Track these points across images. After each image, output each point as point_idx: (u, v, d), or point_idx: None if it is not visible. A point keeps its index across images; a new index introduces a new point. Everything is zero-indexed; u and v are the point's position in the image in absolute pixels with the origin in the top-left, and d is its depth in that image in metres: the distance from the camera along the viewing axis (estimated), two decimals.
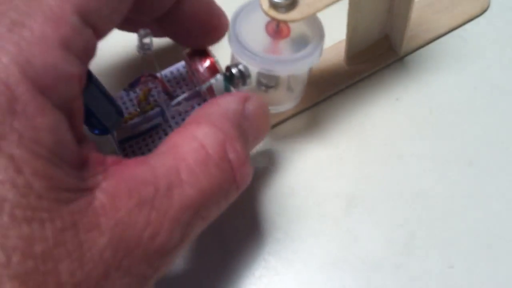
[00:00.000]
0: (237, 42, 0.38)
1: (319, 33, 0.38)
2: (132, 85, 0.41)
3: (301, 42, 0.38)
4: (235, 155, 0.30)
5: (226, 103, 0.34)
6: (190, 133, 0.31)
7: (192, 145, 0.30)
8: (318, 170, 0.41)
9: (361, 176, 0.40)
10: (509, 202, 0.39)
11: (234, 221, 0.39)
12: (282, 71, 0.38)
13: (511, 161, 0.41)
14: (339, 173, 0.41)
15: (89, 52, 0.30)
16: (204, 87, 0.39)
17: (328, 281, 0.37)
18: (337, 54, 0.44)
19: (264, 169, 0.41)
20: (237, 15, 0.38)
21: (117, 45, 0.46)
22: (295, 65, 0.38)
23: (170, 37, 0.40)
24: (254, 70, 0.38)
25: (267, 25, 0.38)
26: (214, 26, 0.38)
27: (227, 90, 0.39)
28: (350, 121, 0.42)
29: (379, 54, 0.44)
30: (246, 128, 0.33)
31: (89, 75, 0.34)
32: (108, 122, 0.37)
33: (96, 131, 0.37)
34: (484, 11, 0.47)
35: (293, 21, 0.36)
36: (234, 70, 0.38)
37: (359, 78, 0.44)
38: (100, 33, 0.30)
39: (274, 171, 0.41)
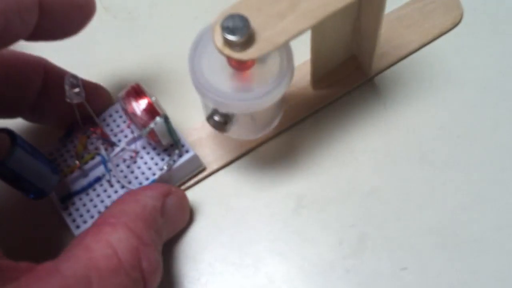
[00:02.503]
0: (194, 74, 0.32)
1: (287, 58, 0.33)
2: (67, 134, 0.36)
3: (271, 62, 0.33)
4: (147, 264, 0.30)
5: (145, 200, 0.32)
6: (104, 236, 0.29)
7: (105, 251, 0.29)
8: (267, 170, 0.38)
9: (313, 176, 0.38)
10: (463, 200, 0.37)
11: None
12: (240, 109, 0.33)
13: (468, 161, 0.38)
14: (289, 173, 0.38)
15: None
16: (145, 132, 0.34)
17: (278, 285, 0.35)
18: (302, 77, 0.39)
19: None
20: (197, 43, 0.33)
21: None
22: (255, 103, 0.32)
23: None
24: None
25: (227, 58, 0.32)
26: (80, 7, 0.33)
27: (170, 132, 0.35)
28: (316, 147, 0.39)
29: (348, 76, 0.39)
30: (163, 223, 0.33)
31: (13, 137, 0.30)
32: (43, 183, 0.33)
33: (32, 196, 0.33)
34: (456, 25, 0.41)
35: (250, 59, 0.30)
36: (217, 118, 0.33)
37: (326, 103, 0.39)
38: None
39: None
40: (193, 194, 0.37)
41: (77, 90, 0.33)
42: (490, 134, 0.38)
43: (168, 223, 0.34)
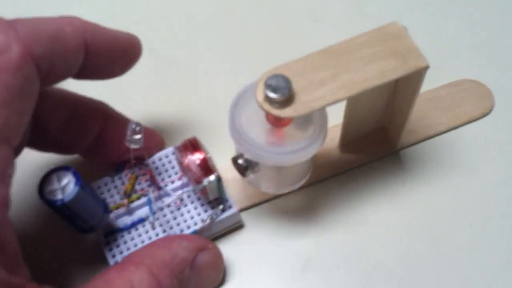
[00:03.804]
0: (236, 132, 0.35)
1: (321, 122, 0.35)
2: (118, 170, 0.39)
3: (305, 124, 0.35)
4: None
5: (178, 249, 0.33)
6: (127, 274, 0.30)
7: None
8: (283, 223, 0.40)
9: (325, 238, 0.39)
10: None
11: None
12: (267, 161, 0.35)
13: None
14: (302, 230, 0.39)
15: (7, 170, 0.28)
16: (197, 188, 0.36)
17: None
18: (331, 138, 0.41)
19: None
20: (238, 99, 0.36)
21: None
22: (283, 157, 0.34)
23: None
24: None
25: (266, 114, 0.34)
26: (125, 50, 0.35)
27: (220, 190, 0.37)
28: (333, 209, 0.40)
29: (375, 145, 0.41)
30: (190, 277, 0.33)
31: (76, 178, 0.32)
32: (94, 222, 0.35)
33: (81, 231, 0.35)
34: (485, 115, 0.43)
35: (286, 117, 0.33)
36: (240, 161, 0.36)
37: (351, 167, 0.41)
38: (14, 145, 0.29)
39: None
40: None
41: (138, 137, 0.36)
42: (502, 227, 0.39)
43: (196, 279, 0.34)
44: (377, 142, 0.41)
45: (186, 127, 0.43)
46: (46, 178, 0.32)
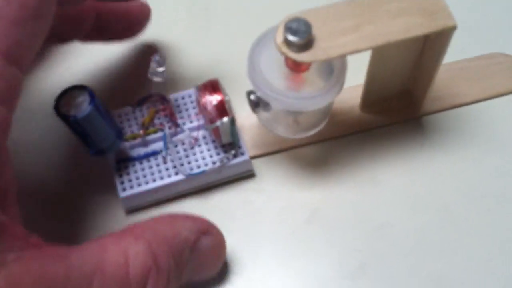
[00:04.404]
0: (252, 70, 0.35)
1: (340, 71, 0.35)
2: (140, 103, 0.39)
3: (326, 70, 0.35)
4: None
5: (181, 228, 0.31)
6: (124, 244, 0.29)
7: (119, 258, 0.28)
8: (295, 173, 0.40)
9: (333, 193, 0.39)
10: (471, 257, 0.36)
11: None
12: (283, 105, 0.35)
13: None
14: (313, 183, 0.39)
15: (14, 92, 0.28)
16: (210, 127, 0.36)
17: None
18: (353, 97, 0.40)
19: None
20: (261, 39, 0.36)
21: (129, 59, 0.44)
22: (299, 103, 0.34)
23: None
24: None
25: (285, 58, 0.34)
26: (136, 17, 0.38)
27: (233, 133, 0.37)
28: (346, 166, 0.40)
29: (397, 108, 0.40)
30: (189, 259, 0.31)
31: (91, 97, 0.33)
32: (106, 145, 0.36)
33: (92, 152, 0.36)
34: None
35: (303, 62, 0.33)
36: (252, 97, 0.36)
37: (370, 127, 0.40)
38: (24, 68, 0.28)
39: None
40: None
41: (161, 69, 0.36)
42: None
43: (195, 263, 0.32)
44: (399, 105, 0.41)
45: (212, 69, 0.43)
46: (63, 95, 0.33)
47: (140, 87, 0.39)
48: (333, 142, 0.40)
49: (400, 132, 0.40)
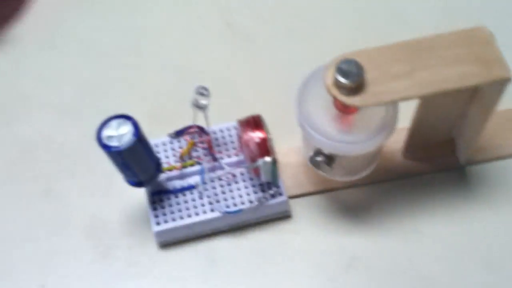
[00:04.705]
0: (300, 111, 0.34)
1: (392, 116, 0.34)
2: (178, 133, 0.38)
3: (377, 112, 0.34)
4: None
5: None
6: None
7: None
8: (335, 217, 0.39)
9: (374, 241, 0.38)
10: None
11: None
12: (335, 150, 0.34)
13: None
14: (353, 228, 0.38)
15: None
16: (251, 166, 0.35)
17: None
18: (395, 141, 0.39)
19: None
20: (308, 79, 0.35)
21: (171, 88, 0.44)
22: (351, 146, 0.34)
23: None
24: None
25: (334, 99, 0.33)
26: None
27: (273, 174, 0.36)
28: (388, 213, 0.39)
29: (440, 156, 0.39)
30: None
31: (135, 129, 0.32)
32: (145, 177, 0.35)
33: (131, 183, 0.35)
34: None
35: (352, 106, 0.32)
36: (319, 158, 0.35)
37: (413, 174, 0.39)
38: None
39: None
40: None
41: (204, 102, 0.35)
42: None
43: None
44: (443, 153, 0.40)
45: (253, 104, 0.43)
46: (106, 123, 0.32)
47: (179, 116, 0.38)
48: (374, 187, 0.39)
49: (443, 181, 0.39)
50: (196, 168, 0.38)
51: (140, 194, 0.39)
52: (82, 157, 0.41)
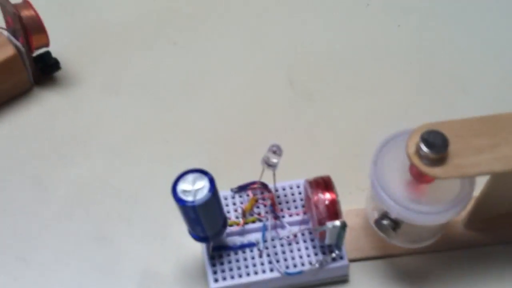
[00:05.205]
0: (375, 178, 0.34)
1: (468, 190, 0.33)
2: (241, 188, 0.38)
3: (446, 188, 0.34)
4: None
5: None
6: None
7: None
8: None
9: None
10: None
11: None
12: (405, 218, 0.34)
13: None
14: None
15: None
16: (318, 229, 0.35)
17: None
18: None
19: None
20: (383, 145, 0.35)
21: (233, 140, 0.44)
22: (421, 217, 0.33)
23: None
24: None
25: (411, 166, 0.33)
26: None
27: (339, 237, 0.35)
28: (449, 282, 0.38)
29: (503, 227, 0.39)
30: None
31: (211, 186, 0.31)
32: (212, 232, 0.34)
33: (196, 237, 0.34)
34: None
35: (434, 177, 0.31)
36: (385, 222, 0.34)
37: (473, 245, 0.39)
38: None
39: None
40: None
41: (275, 160, 0.35)
42: None
43: None
44: (506, 225, 0.39)
45: (316, 164, 0.42)
46: (183, 177, 0.32)
47: (237, 170, 0.39)
48: (433, 255, 0.38)
49: (504, 253, 0.39)
50: (257, 225, 0.37)
51: (197, 247, 0.38)
52: (138, 204, 0.40)
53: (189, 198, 0.31)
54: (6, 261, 0.38)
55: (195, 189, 0.31)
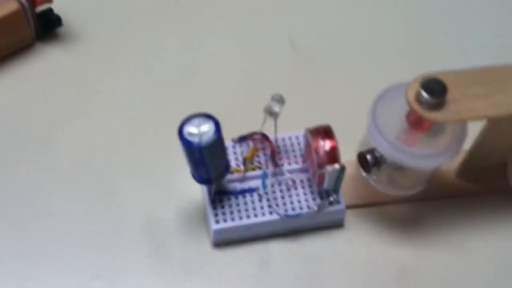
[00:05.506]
0: (373, 125, 0.35)
1: (461, 135, 0.35)
2: (242, 139, 0.39)
3: (438, 134, 0.35)
4: None
5: None
6: None
7: None
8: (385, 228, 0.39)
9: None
10: None
11: None
12: (408, 163, 0.35)
13: None
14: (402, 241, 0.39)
15: None
16: (318, 172, 0.36)
17: None
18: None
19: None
20: (380, 97, 0.36)
21: (236, 95, 0.45)
22: (423, 161, 0.35)
23: None
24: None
25: (408, 113, 0.35)
26: None
27: (338, 181, 0.36)
28: (438, 228, 0.40)
29: (493, 178, 0.40)
30: None
31: (217, 128, 0.32)
32: (215, 175, 0.35)
33: (199, 179, 0.35)
34: None
35: (434, 121, 0.33)
36: (368, 157, 0.36)
37: (464, 194, 0.40)
38: None
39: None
40: None
41: (277, 109, 0.36)
42: None
43: None
44: (495, 176, 0.41)
45: (315, 118, 0.42)
46: (189, 120, 0.33)
47: (241, 123, 0.39)
48: (425, 204, 0.40)
49: (493, 203, 0.40)
50: (257, 172, 0.38)
51: (197, 194, 0.39)
52: (139, 156, 0.41)
53: (195, 139, 0.32)
54: (15, 210, 0.39)
55: (201, 131, 0.32)
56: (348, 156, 0.39)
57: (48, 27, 0.47)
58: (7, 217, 0.38)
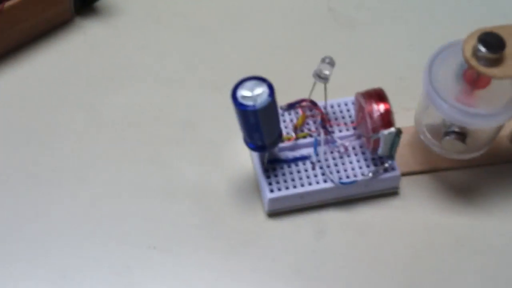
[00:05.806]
0: (429, 85, 0.34)
1: None
2: (290, 106, 0.38)
3: (499, 94, 0.34)
4: None
5: None
6: None
7: None
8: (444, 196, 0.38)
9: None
10: None
11: None
12: (466, 124, 0.34)
13: None
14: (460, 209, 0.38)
15: None
16: (373, 136, 0.35)
17: None
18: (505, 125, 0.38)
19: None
20: (434, 57, 0.35)
21: (281, 63, 0.44)
22: (484, 121, 0.34)
23: None
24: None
25: (465, 72, 0.33)
26: None
27: (393, 146, 0.35)
28: (499, 194, 0.38)
29: None
30: None
31: (271, 91, 0.32)
32: (269, 141, 0.35)
33: (253, 146, 0.35)
34: None
35: (492, 77, 0.32)
36: (451, 137, 0.35)
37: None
38: None
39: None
40: None
41: (327, 72, 0.35)
42: None
43: None
44: None
45: (360, 85, 0.42)
46: (241, 84, 0.32)
47: (296, 87, 0.38)
48: (480, 169, 0.39)
49: None
50: (308, 140, 0.37)
51: (247, 164, 0.39)
52: (188, 127, 0.40)
53: (249, 102, 0.31)
54: (66, 182, 0.38)
55: (254, 94, 0.32)
56: (401, 122, 0.38)
57: (87, 1, 0.46)
58: (62, 187, 0.38)
